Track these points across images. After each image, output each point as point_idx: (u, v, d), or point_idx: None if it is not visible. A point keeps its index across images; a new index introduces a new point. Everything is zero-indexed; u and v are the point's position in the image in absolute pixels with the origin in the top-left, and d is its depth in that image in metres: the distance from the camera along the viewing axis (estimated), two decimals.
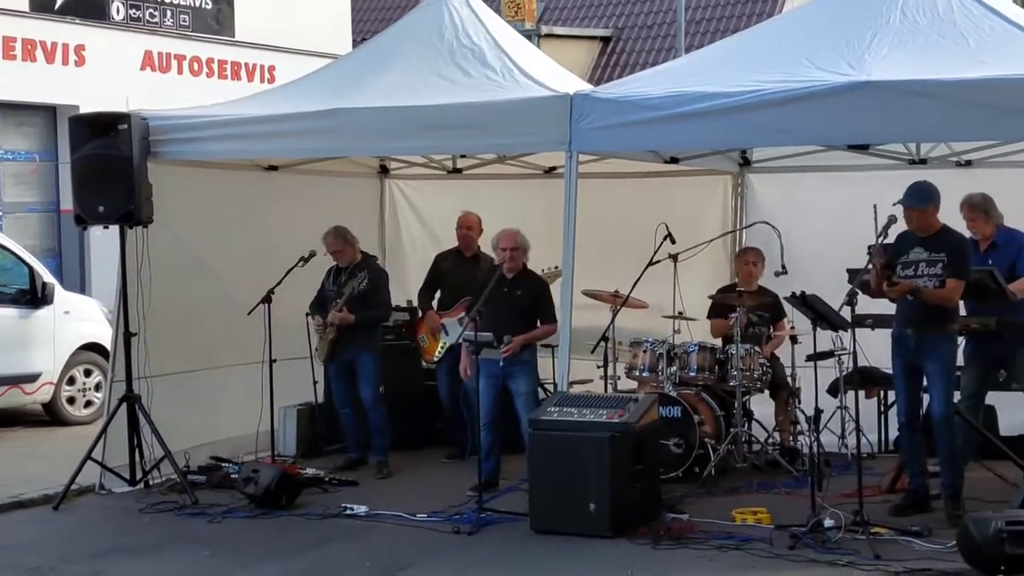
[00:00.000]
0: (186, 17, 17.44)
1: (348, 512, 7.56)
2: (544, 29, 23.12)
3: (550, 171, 9.95)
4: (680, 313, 9.02)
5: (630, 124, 7.32)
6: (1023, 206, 8.01)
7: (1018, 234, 7.72)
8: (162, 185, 8.25)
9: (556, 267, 8.33)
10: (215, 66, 17.79)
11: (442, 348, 9.34)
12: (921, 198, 7.05)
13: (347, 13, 19.99)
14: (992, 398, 7.94)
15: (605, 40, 24.53)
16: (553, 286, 8.17)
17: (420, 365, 9.80)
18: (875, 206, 6.92)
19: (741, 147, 9.38)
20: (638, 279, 8.60)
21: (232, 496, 7.91)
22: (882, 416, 8.93)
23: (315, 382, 9.28)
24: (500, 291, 7.91)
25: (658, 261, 8.74)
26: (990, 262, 7.51)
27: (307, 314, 9.00)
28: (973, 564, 5.99)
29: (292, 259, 8.73)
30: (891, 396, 8.51)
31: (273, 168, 9.50)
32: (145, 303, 8.19)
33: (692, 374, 8.55)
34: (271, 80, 17.76)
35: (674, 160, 9.08)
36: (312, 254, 8.78)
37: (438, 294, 9.55)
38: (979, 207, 7.65)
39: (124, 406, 8.23)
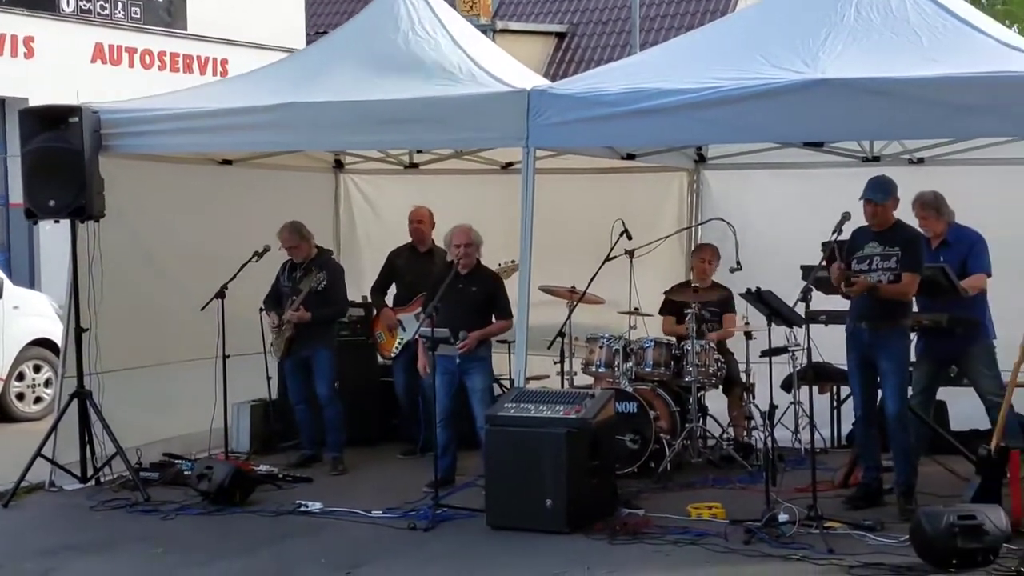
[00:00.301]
0: (137, 9, 17.27)
1: (302, 509, 7.51)
2: (499, 24, 23.10)
3: (507, 167, 9.94)
4: (636, 309, 9.06)
5: (587, 120, 7.32)
6: (974, 203, 8.09)
7: (969, 231, 7.79)
8: (114, 179, 8.15)
9: (512, 261, 8.33)
10: (167, 59, 17.64)
11: (399, 344, 9.31)
12: (884, 192, 7.11)
13: (301, 7, 19.90)
14: (943, 393, 8.03)
15: (560, 36, 24.55)
16: (510, 282, 8.15)
17: (375, 361, 9.77)
18: (847, 213, 6.98)
19: (697, 144, 9.42)
20: (594, 275, 8.62)
21: (185, 493, 7.84)
22: (835, 411, 9.01)
23: (269, 378, 9.23)
24: (455, 287, 7.89)
25: (614, 257, 8.77)
26: (942, 259, 7.57)
27: (261, 309, 8.96)
28: (925, 558, 6.04)
29: (246, 254, 8.65)
30: (844, 391, 8.58)
31: (227, 162, 9.42)
32: (96, 298, 8.09)
33: (648, 370, 8.58)
34: (224, 74, 17.65)
35: (630, 156, 9.11)
36: (266, 249, 8.72)
37: (393, 290, 9.51)
38: (930, 205, 7.72)
39: (75, 402, 8.13)
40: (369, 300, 9.61)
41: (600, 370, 8.66)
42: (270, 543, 6.90)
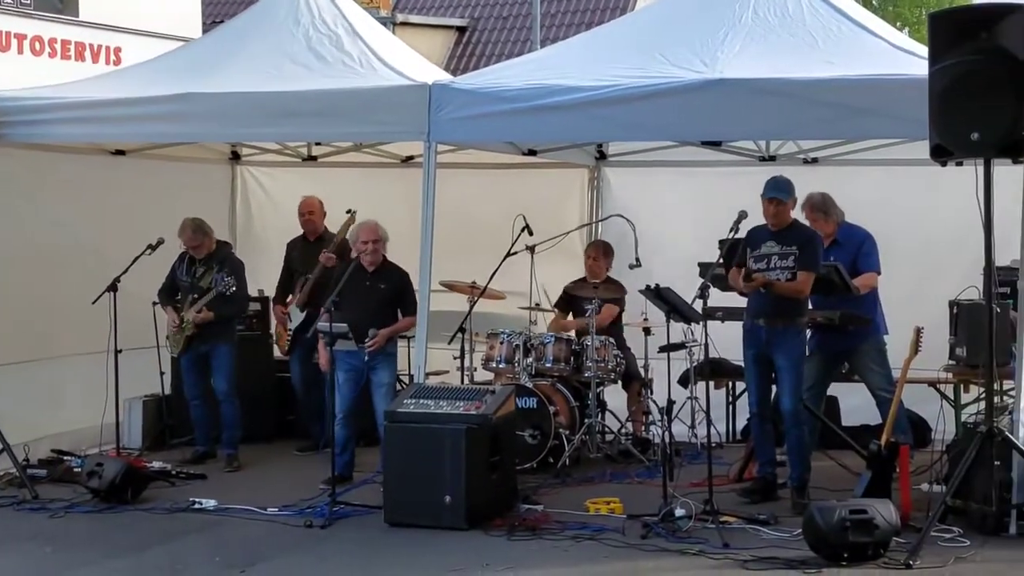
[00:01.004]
0: None
1: (196, 506, 7.40)
2: (399, 17, 22.99)
3: (407, 160, 9.89)
4: (537, 304, 9.10)
5: (488, 115, 7.33)
6: (865, 203, 8.27)
7: (858, 230, 7.93)
8: (2, 168, 7.95)
9: (349, 211, 8.34)
10: (58, 46, 17.15)
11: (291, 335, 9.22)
12: (787, 192, 7.23)
13: None
14: (835, 388, 8.20)
15: (461, 30, 24.51)
16: (412, 276, 8.09)
17: (271, 356, 9.68)
18: (743, 212, 7.06)
19: (597, 141, 9.48)
20: (496, 270, 8.62)
21: (75, 491, 7.67)
22: (730, 406, 9.14)
23: (162, 373, 9.09)
24: (362, 284, 7.83)
25: (516, 252, 8.78)
26: (832, 259, 7.71)
27: (154, 303, 8.79)
28: (818, 552, 6.14)
29: (139, 246, 8.48)
30: (739, 387, 8.70)
31: (120, 153, 9.24)
32: None
33: (548, 365, 8.60)
34: (117, 62, 17.24)
35: (532, 152, 9.14)
36: (160, 242, 8.56)
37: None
38: (819, 207, 7.83)
39: None
40: (266, 294, 9.51)
41: (500, 365, 8.67)
42: (163, 541, 6.77)
